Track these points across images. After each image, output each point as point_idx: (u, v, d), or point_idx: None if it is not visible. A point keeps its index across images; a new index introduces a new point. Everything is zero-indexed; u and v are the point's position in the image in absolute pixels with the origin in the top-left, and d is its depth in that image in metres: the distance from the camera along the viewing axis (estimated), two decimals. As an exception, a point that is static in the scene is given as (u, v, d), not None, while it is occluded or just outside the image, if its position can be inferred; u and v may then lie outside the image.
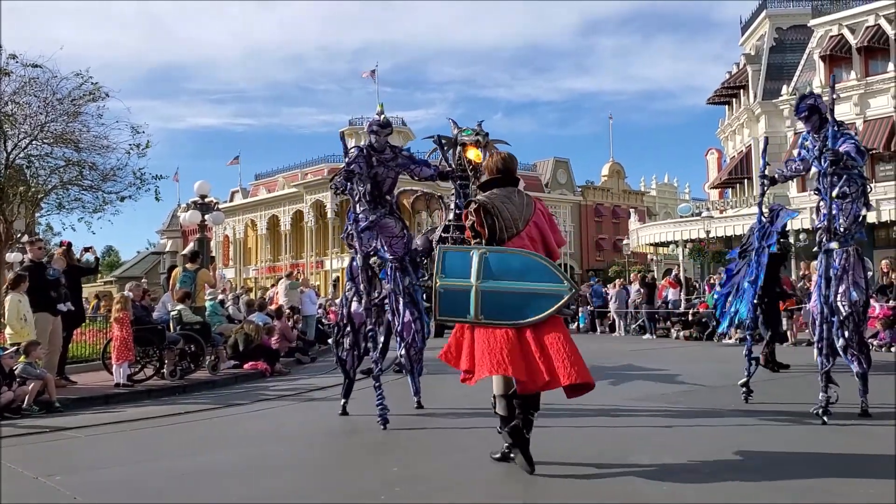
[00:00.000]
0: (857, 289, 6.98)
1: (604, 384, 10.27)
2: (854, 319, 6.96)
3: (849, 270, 6.99)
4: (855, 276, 6.99)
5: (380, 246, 7.81)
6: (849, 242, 7.06)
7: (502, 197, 5.24)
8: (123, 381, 10.42)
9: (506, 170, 5.40)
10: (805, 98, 7.48)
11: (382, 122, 8.03)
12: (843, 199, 7.07)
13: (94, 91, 19.04)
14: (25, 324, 9.67)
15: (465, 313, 5.03)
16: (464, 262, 5.06)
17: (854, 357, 6.93)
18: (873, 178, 31.65)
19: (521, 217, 5.21)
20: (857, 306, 6.96)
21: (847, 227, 7.05)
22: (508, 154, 5.51)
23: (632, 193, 63.75)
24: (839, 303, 6.94)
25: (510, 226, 5.17)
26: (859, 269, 7.08)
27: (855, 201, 7.10)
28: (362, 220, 7.71)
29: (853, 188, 7.10)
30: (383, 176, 7.87)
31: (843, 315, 6.93)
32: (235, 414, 8.64)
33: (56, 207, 20.38)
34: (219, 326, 13.42)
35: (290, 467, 5.67)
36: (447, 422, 7.28)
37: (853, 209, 7.09)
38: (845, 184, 7.04)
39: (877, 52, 32.82)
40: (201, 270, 14.51)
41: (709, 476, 4.91)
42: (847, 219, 7.07)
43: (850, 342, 6.92)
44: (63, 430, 7.57)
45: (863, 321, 7.14)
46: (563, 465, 5.26)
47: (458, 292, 5.01)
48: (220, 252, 58.54)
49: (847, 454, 5.56)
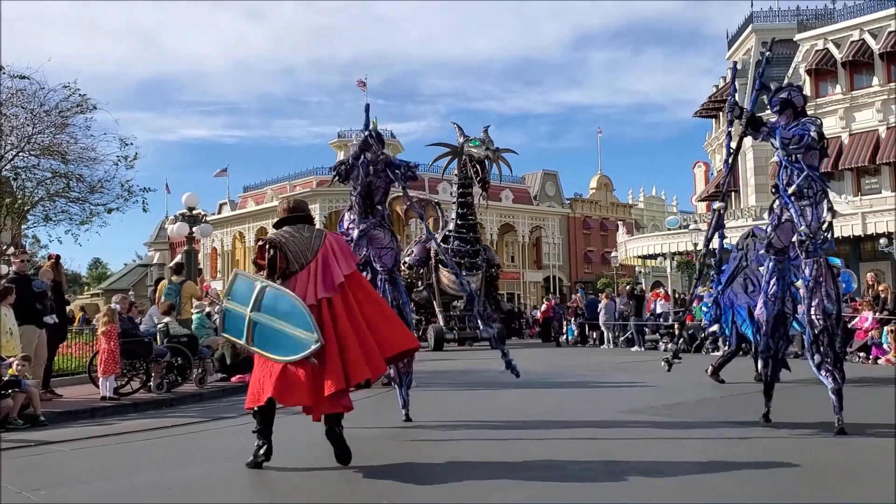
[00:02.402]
0: (830, 301, 6.71)
1: (592, 396, 10.29)
2: (829, 333, 6.69)
3: (821, 282, 6.71)
4: (827, 287, 6.72)
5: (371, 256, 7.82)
6: (818, 251, 6.74)
7: (291, 233, 5.82)
8: (110, 395, 10.33)
9: (294, 209, 6.03)
10: (779, 91, 7.14)
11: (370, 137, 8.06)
12: (800, 200, 6.73)
13: (82, 103, 19.01)
14: (11, 337, 9.59)
15: (240, 336, 5.60)
16: (248, 289, 5.59)
17: (829, 373, 6.65)
18: (859, 191, 31.96)
19: (308, 249, 5.73)
20: (831, 319, 6.71)
21: (812, 233, 6.70)
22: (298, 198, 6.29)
23: (620, 206, 63.95)
24: (813, 316, 6.68)
25: (298, 258, 5.69)
26: (830, 279, 6.82)
27: (815, 206, 6.77)
28: (352, 229, 7.73)
29: (811, 191, 6.76)
30: (376, 185, 7.93)
31: (818, 329, 6.67)
32: (223, 427, 8.59)
33: (43, 219, 20.29)
34: (206, 339, 13.34)
35: (276, 480, 5.63)
36: (436, 434, 7.26)
37: (815, 213, 6.76)
38: (804, 182, 6.70)
39: (862, 67, 33.14)
40: (186, 283, 14.46)
41: (696, 488, 4.91)
42: (810, 224, 6.71)
43: (826, 357, 6.66)
44: (48, 444, 7.50)
45: (837, 335, 6.84)
46: (552, 475, 5.25)
47: (237, 315, 5.56)
48: (208, 264, 58.28)
49: (843, 465, 5.57)
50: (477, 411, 8.04)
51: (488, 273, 23.97)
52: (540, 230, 57.42)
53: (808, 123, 6.78)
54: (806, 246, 6.67)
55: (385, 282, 7.88)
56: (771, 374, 7.06)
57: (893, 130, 31.57)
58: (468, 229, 22.84)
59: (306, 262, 5.70)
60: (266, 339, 5.45)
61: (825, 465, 5.48)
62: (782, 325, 7.04)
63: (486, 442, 6.78)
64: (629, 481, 5.09)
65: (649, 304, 23.21)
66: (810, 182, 6.74)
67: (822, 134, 6.85)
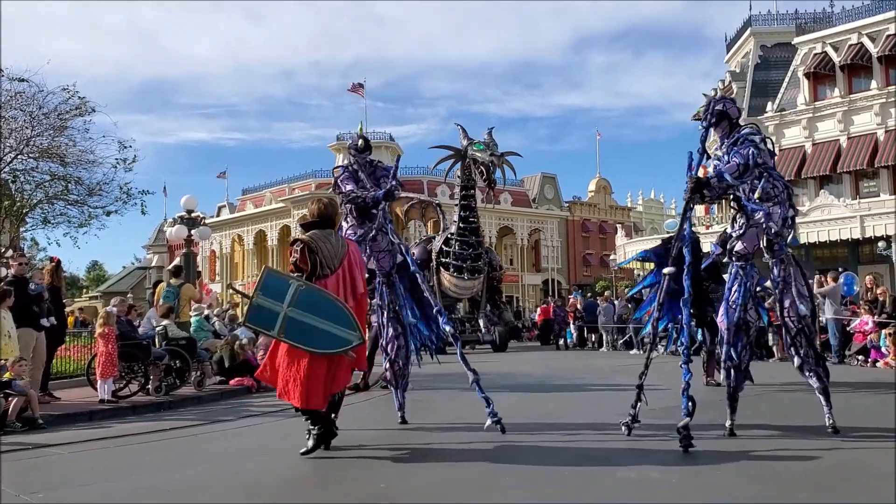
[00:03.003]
0: (804, 300, 6.56)
1: (591, 399, 10.28)
2: (805, 334, 6.55)
3: (790, 282, 6.54)
4: (798, 286, 6.56)
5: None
6: (783, 250, 6.59)
7: (322, 238, 6.11)
8: (108, 397, 10.32)
9: (326, 216, 6.25)
10: (715, 103, 6.91)
11: (360, 146, 8.08)
12: (767, 202, 6.56)
13: (81, 105, 19.02)
14: (10, 340, 9.58)
15: (270, 328, 5.90)
16: (282, 287, 5.91)
17: (812, 372, 6.56)
18: (857, 194, 31.99)
19: (335, 257, 6.09)
20: (806, 320, 6.56)
21: (779, 231, 6.57)
22: (329, 200, 6.38)
23: (618, 209, 63.94)
24: (787, 318, 6.55)
25: (329, 263, 6.04)
26: (800, 278, 6.63)
27: (781, 204, 6.59)
28: (350, 236, 7.73)
29: (776, 189, 6.61)
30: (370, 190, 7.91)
31: (794, 331, 6.53)
32: (221, 430, 8.58)
33: (41, 222, 20.31)
34: (204, 342, 13.34)
35: (275, 484, 5.63)
36: (435, 437, 7.25)
37: (782, 211, 6.59)
38: (768, 185, 6.56)
39: (860, 70, 33.19)
40: (185, 285, 14.45)
41: (695, 490, 4.91)
42: (777, 222, 6.56)
43: (807, 358, 6.56)
44: (46, 447, 7.48)
45: (814, 333, 6.71)
46: (551, 476, 5.25)
47: (269, 310, 5.85)
48: (207, 267, 58.23)
49: (843, 467, 5.57)
50: (476, 414, 8.02)
51: (491, 276, 23.77)
52: (539, 233, 57.42)
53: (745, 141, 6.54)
54: (772, 245, 6.55)
55: (383, 285, 7.88)
56: (734, 385, 6.82)
57: (891, 134, 31.60)
58: (470, 232, 22.62)
59: (334, 268, 6.07)
60: (303, 333, 5.82)
61: (825, 468, 5.48)
62: (745, 333, 6.77)
63: (484, 444, 6.76)
64: (628, 483, 5.09)
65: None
66: (774, 182, 6.61)
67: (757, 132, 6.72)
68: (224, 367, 12.85)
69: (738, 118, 6.90)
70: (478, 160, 20.95)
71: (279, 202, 53.03)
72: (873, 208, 29.79)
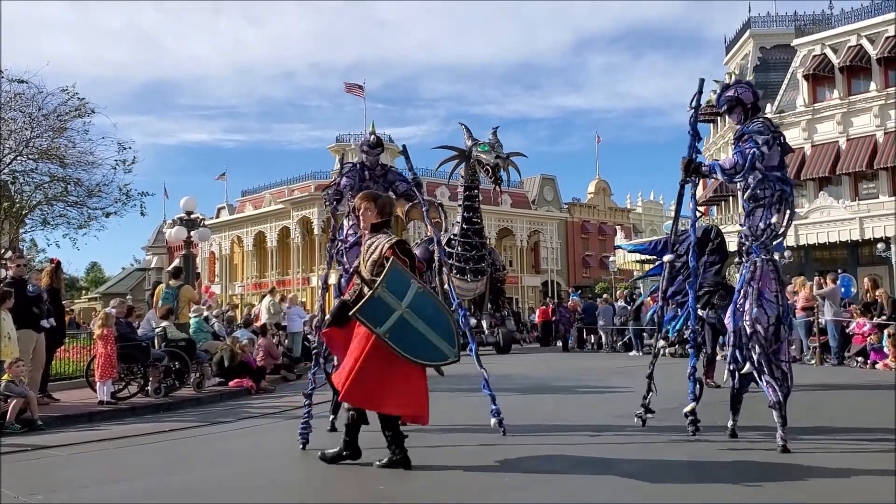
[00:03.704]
0: (761, 305, 6.21)
1: (590, 400, 10.28)
2: (758, 340, 6.19)
3: (753, 284, 6.27)
4: (761, 288, 6.24)
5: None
6: (758, 252, 6.34)
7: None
8: (107, 399, 10.32)
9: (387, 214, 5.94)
10: (727, 89, 6.75)
11: (372, 142, 8.19)
12: (755, 203, 6.40)
13: (81, 107, 19.04)
14: (10, 342, 9.57)
15: (378, 325, 5.43)
16: (404, 286, 5.55)
17: (768, 384, 6.19)
18: (857, 196, 32.02)
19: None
20: (760, 324, 6.19)
21: (755, 235, 6.36)
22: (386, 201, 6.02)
23: (618, 210, 63.97)
24: (743, 321, 6.25)
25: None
26: (768, 282, 6.29)
27: (768, 207, 6.36)
28: (351, 236, 7.75)
29: (767, 192, 6.36)
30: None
31: (747, 335, 6.22)
32: (220, 432, 8.58)
33: (41, 223, 20.32)
34: (204, 343, 13.34)
35: (274, 486, 5.62)
36: (434, 438, 7.24)
37: (764, 215, 6.36)
38: (758, 186, 6.36)
39: (859, 72, 33.23)
40: (184, 287, 14.45)
41: (694, 492, 4.90)
42: (756, 226, 6.38)
43: (760, 366, 6.19)
44: (45, 449, 7.48)
45: (771, 342, 6.23)
46: (550, 478, 5.24)
47: (387, 306, 5.46)
48: (206, 268, 58.23)
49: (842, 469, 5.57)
50: (475, 415, 8.02)
51: (494, 277, 23.49)
52: (538, 235, 57.42)
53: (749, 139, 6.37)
54: (747, 248, 6.40)
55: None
56: (738, 387, 6.67)
57: (891, 135, 31.63)
58: (474, 233, 22.31)
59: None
60: (406, 338, 5.48)
61: (824, 471, 5.47)
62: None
63: (483, 446, 6.76)
64: (627, 485, 5.08)
65: (647, 309, 23.18)
66: (766, 184, 6.37)
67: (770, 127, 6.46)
68: (224, 369, 12.84)
69: (755, 102, 6.66)
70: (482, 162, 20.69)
71: (278, 203, 53.02)
72: (872, 210, 29.81)
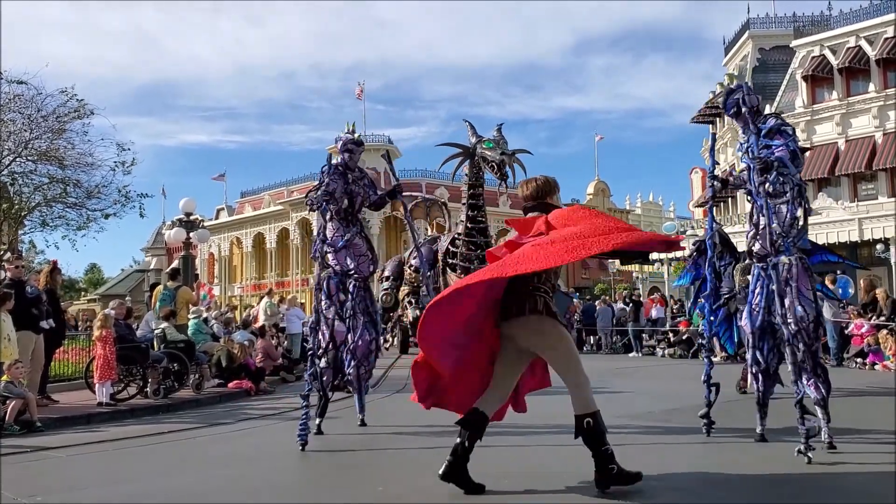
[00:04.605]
0: (804, 302, 6.18)
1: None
2: (803, 338, 6.14)
3: (792, 283, 6.22)
4: (801, 287, 6.21)
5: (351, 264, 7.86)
6: (790, 251, 6.30)
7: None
8: (106, 400, 10.31)
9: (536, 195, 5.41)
10: (732, 93, 6.74)
11: (357, 140, 8.19)
12: (775, 199, 6.32)
13: (80, 108, 19.03)
14: (9, 343, 9.57)
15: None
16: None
17: (810, 382, 6.14)
18: (856, 197, 32.03)
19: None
20: (804, 322, 6.14)
21: (785, 232, 6.32)
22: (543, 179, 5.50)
23: (617, 211, 63.94)
24: (786, 320, 6.20)
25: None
26: (805, 280, 6.28)
27: (790, 202, 6.32)
28: (338, 239, 7.79)
29: (787, 186, 6.31)
30: (355, 193, 7.99)
31: (791, 333, 6.16)
32: (219, 433, 8.57)
33: (40, 225, 20.31)
34: (203, 345, 13.33)
35: (272, 487, 5.61)
36: (432, 440, 7.23)
37: (789, 210, 6.33)
38: (776, 181, 6.30)
39: (858, 73, 33.23)
40: (182, 288, 14.43)
41: (694, 494, 4.90)
42: (783, 222, 6.33)
43: (804, 364, 6.14)
44: (44, 450, 7.47)
45: (815, 339, 6.24)
46: (549, 480, 5.24)
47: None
48: (206, 270, 58.21)
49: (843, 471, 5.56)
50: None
51: None
52: (537, 236, 57.40)
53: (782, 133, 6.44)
54: (777, 245, 6.33)
55: (359, 288, 7.91)
56: (763, 390, 6.61)
57: (889, 136, 31.64)
58: (478, 232, 22.00)
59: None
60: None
61: (825, 473, 5.46)
62: (770, 336, 6.49)
63: (483, 447, 6.75)
64: (626, 487, 5.08)
65: (647, 310, 23.22)
66: (787, 179, 6.33)
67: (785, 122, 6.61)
68: (222, 370, 12.84)
69: (758, 106, 6.70)
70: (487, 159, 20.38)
71: (278, 205, 53.02)
72: (871, 211, 29.82)
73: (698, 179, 46.07)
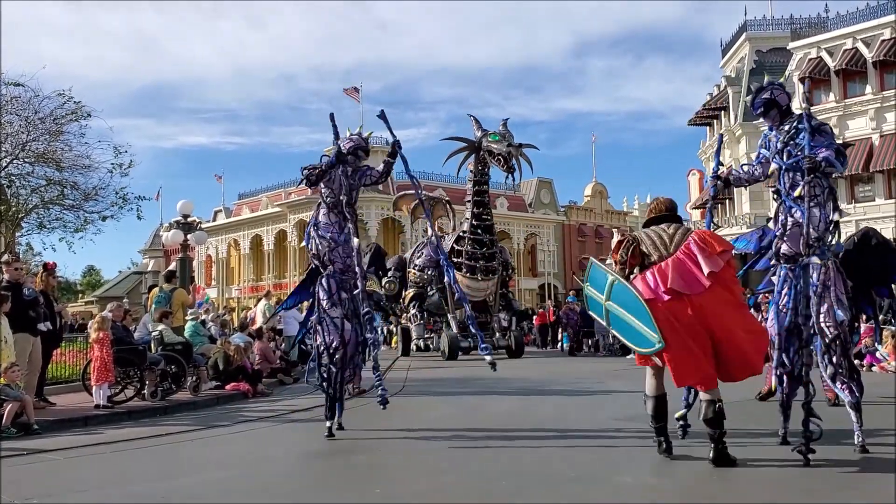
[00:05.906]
0: (842, 307, 6.14)
1: (588, 403, 10.27)
2: (842, 342, 6.12)
3: (830, 286, 6.18)
4: (837, 292, 6.18)
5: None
6: (826, 254, 6.27)
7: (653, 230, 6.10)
8: (103, 403, 10.28)
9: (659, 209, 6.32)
10: (761, 91, 6.71)
11: (367, 147, 8.26)
12: (808, 202, 6.22)
13: (77, 110, 19.02)
14: (6, 345, 9.54)
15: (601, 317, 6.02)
16: (602, 279, 6.00)
17: (845, 385, 6.12)
18: (853, 199, 32.10)
19: (670, 245, 5.94)
20: (843, 326, 6.11)
21: (820, 236, 6.27)
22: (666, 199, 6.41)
23: (614, 213, 64.01)
24: (823, 324, 6.14)
25: (656, 250, 5.94)
26: (840, 284, 6.25)
27: (823, 205, 6.28)
28: (336, 233, 7.79)
29: (819, 189, 6.27)
30: (354, 187, 8.06)
31: (830, 338, 6.12)
32: (217, 435, 8.55)
33: (37, 227, 20.29)
34: (200, 347, 13.31)
35: (270, 489, 5.61)
36: (431, 443, 7.24)
37: (822, 214, 6.26)
38: (814, 182, 6.23)
39: (855, 75, 33.33)
40: (177, 290, 14.41)
41: (694, 495, 4.90)
42: (818, 226, 6.26)
43: (840, 368, 6.13)
44: (41, 453, 7.44)
45: (851, 343, 6.24)
46: (548, 481, 5.23)
47: (596, 301, 6.02)
48: (203, 272, 58.17)
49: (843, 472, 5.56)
50: (472, 419, 8.04)
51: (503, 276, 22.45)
52: (535, 237, 57.46)
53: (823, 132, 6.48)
54: (813, 249, 6.26)
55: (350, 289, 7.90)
56: (787, 393, 6.42)
57: (886, 138, 31.72)
58: (484, 230, 21.32)
59: (667, 254, 5.91)
60: (621, 326, 5.87)
61: (824, 474, 5.46)
62: (797, 338, 6.34)
63: (482, 449, 6.76)
64: (626, 488, 5.08)
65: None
66: (817, 181, 6.28)
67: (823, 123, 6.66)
68: (220, 372, 12.81)
69: (789, 105, 6.68)
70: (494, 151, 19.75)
71: (275, 207, 53.00)
72: (869, 213, 29.91)
73: (695, 181, 46.13)
